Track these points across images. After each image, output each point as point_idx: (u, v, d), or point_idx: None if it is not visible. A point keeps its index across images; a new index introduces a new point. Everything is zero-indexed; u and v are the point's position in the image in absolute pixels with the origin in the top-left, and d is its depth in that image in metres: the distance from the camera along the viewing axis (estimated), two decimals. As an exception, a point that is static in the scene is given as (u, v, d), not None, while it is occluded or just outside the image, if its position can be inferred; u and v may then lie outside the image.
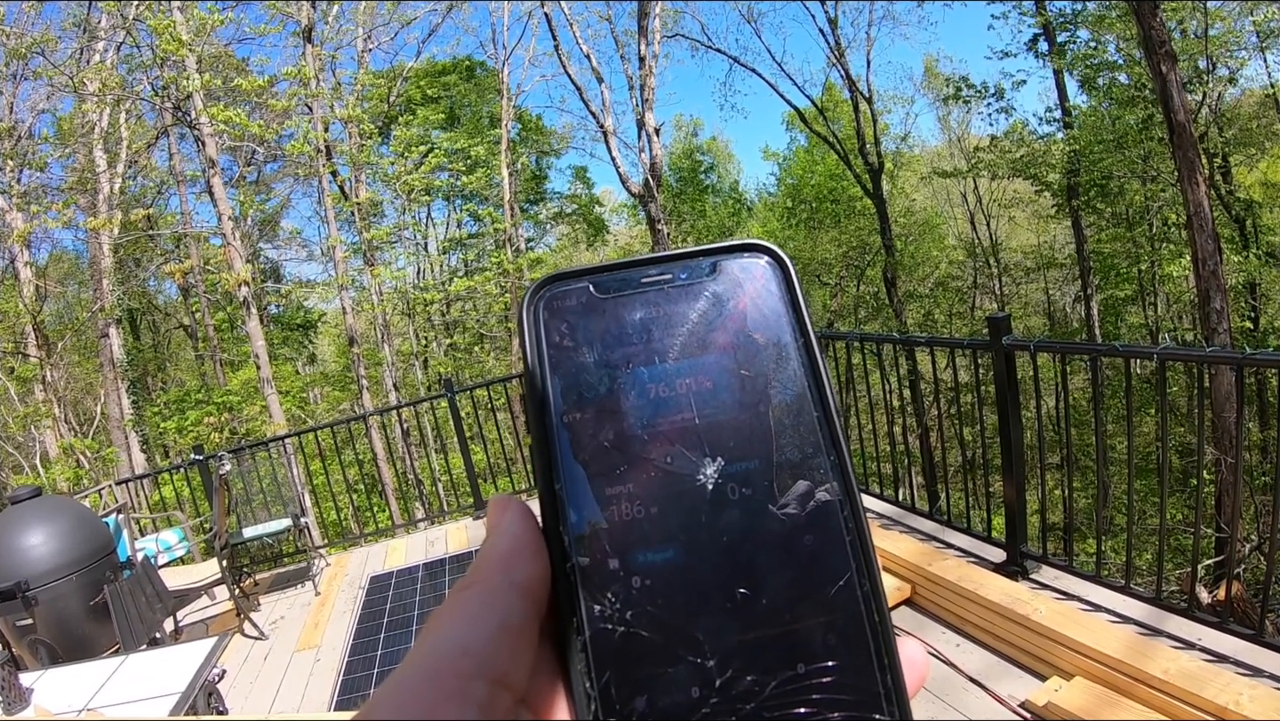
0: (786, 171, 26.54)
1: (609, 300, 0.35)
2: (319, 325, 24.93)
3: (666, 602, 0.31)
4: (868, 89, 20.48)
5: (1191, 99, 13.72)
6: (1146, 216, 17.29)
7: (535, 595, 0.31)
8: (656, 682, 0.30)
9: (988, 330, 3.96)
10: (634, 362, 0.34)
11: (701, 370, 0.34)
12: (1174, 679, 2.71)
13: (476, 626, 0.30)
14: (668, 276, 0.36)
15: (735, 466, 0.33)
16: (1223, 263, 9.37)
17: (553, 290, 0.36)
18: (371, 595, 6.01)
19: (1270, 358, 3.07)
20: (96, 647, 5.14)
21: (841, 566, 0.32)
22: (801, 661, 0.30)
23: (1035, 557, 3.98)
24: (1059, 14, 17.62)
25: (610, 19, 19.28)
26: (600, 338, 0.35)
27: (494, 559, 0.32)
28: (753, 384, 0.34)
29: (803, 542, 0.32)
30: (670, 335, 0.35)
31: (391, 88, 19.54)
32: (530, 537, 0.33)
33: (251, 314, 13.76)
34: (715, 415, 0.33)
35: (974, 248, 23.29)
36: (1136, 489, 13.62)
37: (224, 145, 15.55)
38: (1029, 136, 19.01)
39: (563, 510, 0.32)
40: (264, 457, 7.52)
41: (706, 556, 0.32)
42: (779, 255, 0.37)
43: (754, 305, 0.36)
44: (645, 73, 17.23)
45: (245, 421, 14.37)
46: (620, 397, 0.34)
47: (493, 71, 22.15)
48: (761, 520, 0.32)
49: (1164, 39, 8.97)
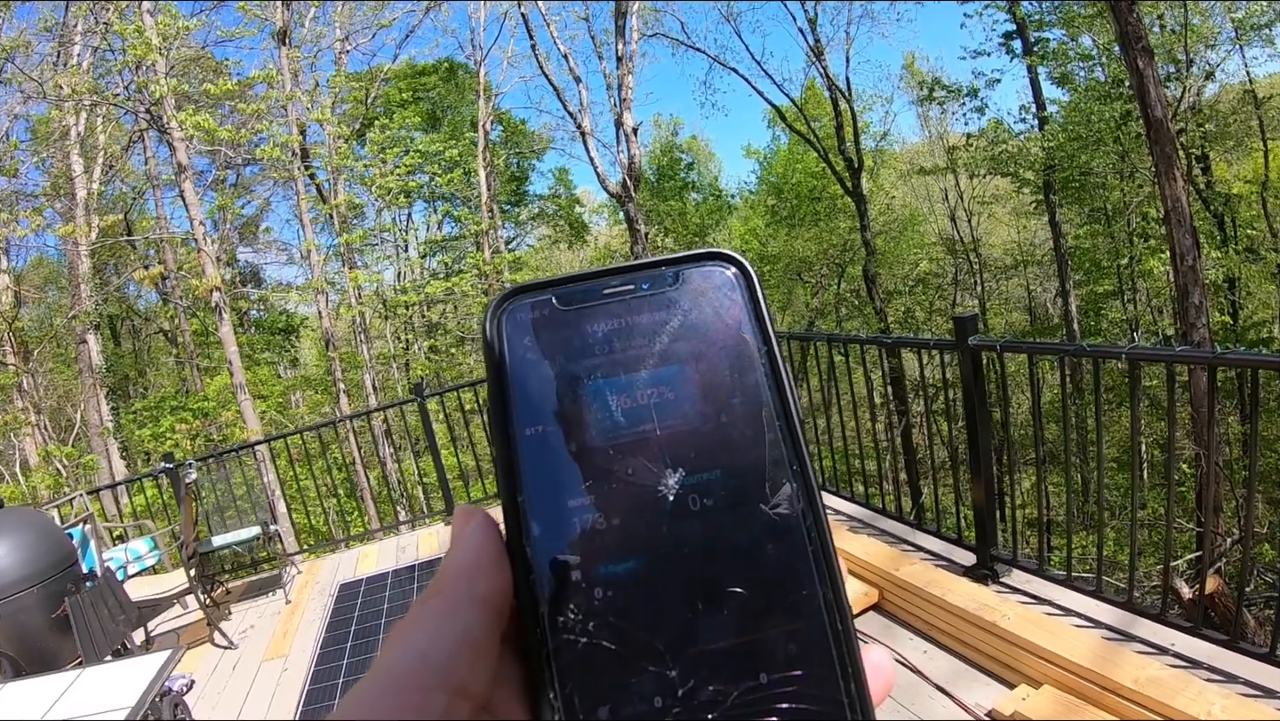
0: (767, 170, 26.55)
1: (572, 312, 0.35)
2: (300, 329, 24.78)
3: (629, 613, 0.31)
4: (847, 87, 20.59)
5: (1170, 94, 13.76)
6: (1125, 212, 17.36)
7: (497, 606, 0.32)
8: (619, 693, 0.30)
9: (954, 330, 3.89)
10: (596, 374, 0.34)
11: (664, 381, 0.34)
12: (1144, 687, 2.65)
13: (437, 637, 0.30)
14: (630, 287, 0.36)
15: (697, 477, 0.33)
16: (1201, 258, 9.37)
17: (515, 303, 0.36)
18: (340, 603, 5.94)
19: (1240, 357, 3.00)
20: (59, 660, 5.09)
21: (804, 575, 0.32)
22: (764, 670, 0.30)
23: (1006, 561, 3.91)
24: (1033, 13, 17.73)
25: (588, 18, 19.24)
26: (563, 350, 0.35)
27: (456, 570, 0.32)
28: (715, 394, 0.34)
29: (765, 552, 0.32)
30: (633, 346, 0.35)
31: (369, 89, 19.42)
32: (493, 548, 0.33)
33: (224, 320, 13.60)
34: (677, 426, 0.33)
35: (954, 244, 23.38)
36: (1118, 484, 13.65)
37: (197, 149, 15.40)
38: (1005, 134, 19.11)
39: (525, 522, 0.32)
40: (236, 465, 7.43)
41: (668, 567, 0.32)
42: (743, 264, 0.37)
43: (717, 315, 0.36)
44: (623, 72, 17.16)
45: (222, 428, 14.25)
46: (583, 410, 0.34)
47: (473, 73, 22.10)
48: (723, 530, 0.32)
49: (1141, 34, 8.95)
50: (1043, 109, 18.57)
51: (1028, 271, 22.50)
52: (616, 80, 17.48)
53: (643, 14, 18.80)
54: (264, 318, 24.10)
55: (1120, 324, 18.96)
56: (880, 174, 24.02)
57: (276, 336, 23.96)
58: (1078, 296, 19.13)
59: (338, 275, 18.47)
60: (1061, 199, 18.34)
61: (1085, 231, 18.73)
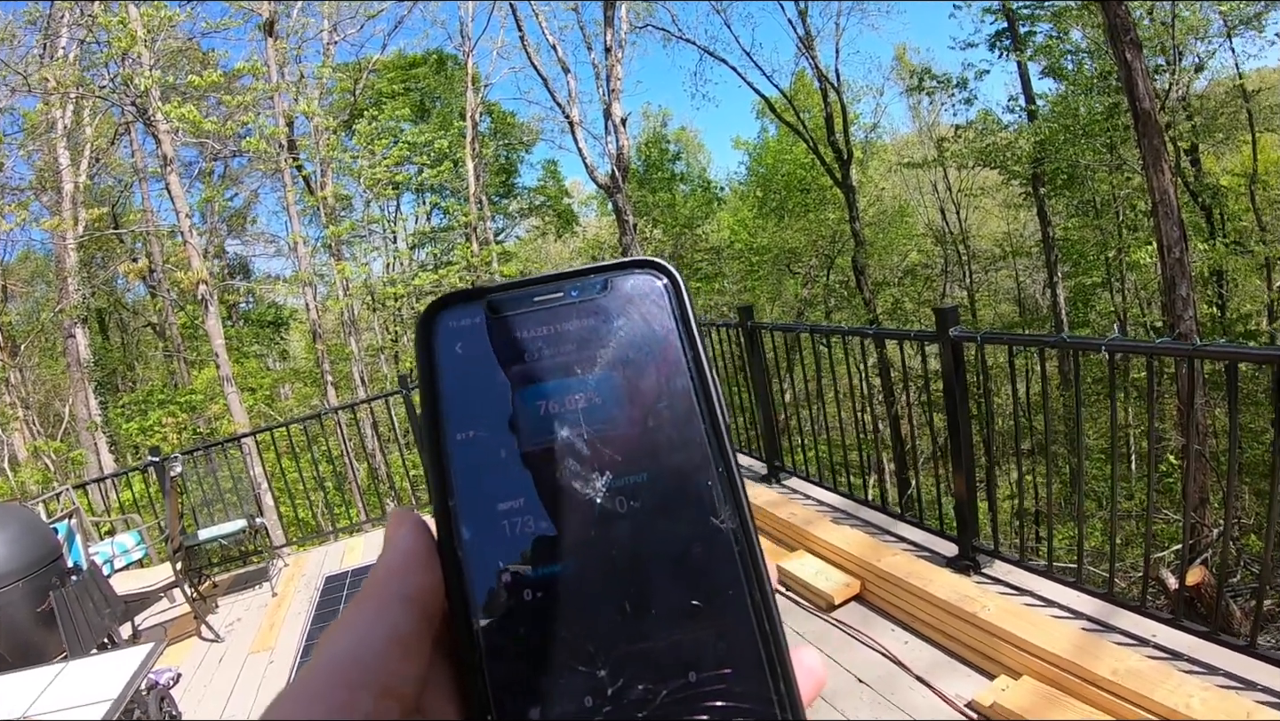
0: (757, 161, 26.51)
1: (502, 319, 0.36)
2: (290, 321, 24.69)
3: (559, 615, 0.32)
4: (837, 79, 20.50)
5: (1158, 87, 13.79)
6: (1113, 204, 17.41)
7: (426, 607, 0.32)
8: (550, 693, 0.31)
9: (935, 321, 3.90)
10: (526, 381, 0.35)
11: (592, 387, 0.35)
12: (1123, 679, 2.65)
13: (366, 637, 0.30)
14: (559, 295, 0.36)
15: (624, 480, 0.33)
16: (1189, 250, 9.40)
17: (446, 311, 0.36)
18: (326, 595, 5.95)
19: (1221, 350, 3.00)
20: (45, 654, 5.07)
21: (731, 576, 0.32)
22: (693, 670, 0.31)
23: (987, 552, 3.93)
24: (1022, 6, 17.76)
25: (577, 9, 19.21)
26: (493, 356, 0.35)
27: (386, 572, 0.33)
28: (642, 399, 0.35)
29: (692, 553, 0.32)
30: (562, 353, 0.35)
31: (357, 80, 19.33)
32: (423, 550, 0.33)
33: (210, 312, 13.53)
34: (605, 430, 0.34)
35: (943, 235, 23.41)
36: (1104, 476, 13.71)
37: (185, 140, 15.30)
38: (994, 126, 19.15)
39: (456, 526, 0.33)
40: (223, 458, 7.41)
41: (597, 569, 0.32)
42: (672, 273, 0.38)
43: (645, 322, 0.36)
44: (612, 62, 17.11)
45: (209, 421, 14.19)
46: (513, 415, 0.34)
47: (463, 65, 22.03)
48: (650, 532, 0.33)
49: (1129, 27, 8.96)
50: (1031, 101, 18.61)
51: (1016, 263, 22.55)
52: (605, 70, 17.44)
53: (633, 6, 18.75)
54: (252, 310, 24.00)
55: (1108, 315, 19.01)
56: (870, 165, 24.02)
57: (265, 329, 23.88)
58: (1066, 288, 19.19)
59: (325, 267, 18.41)
60: (1050, 191, 18.38)
61: (1074, 223, 18.79)
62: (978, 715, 2.91)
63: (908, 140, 26.35)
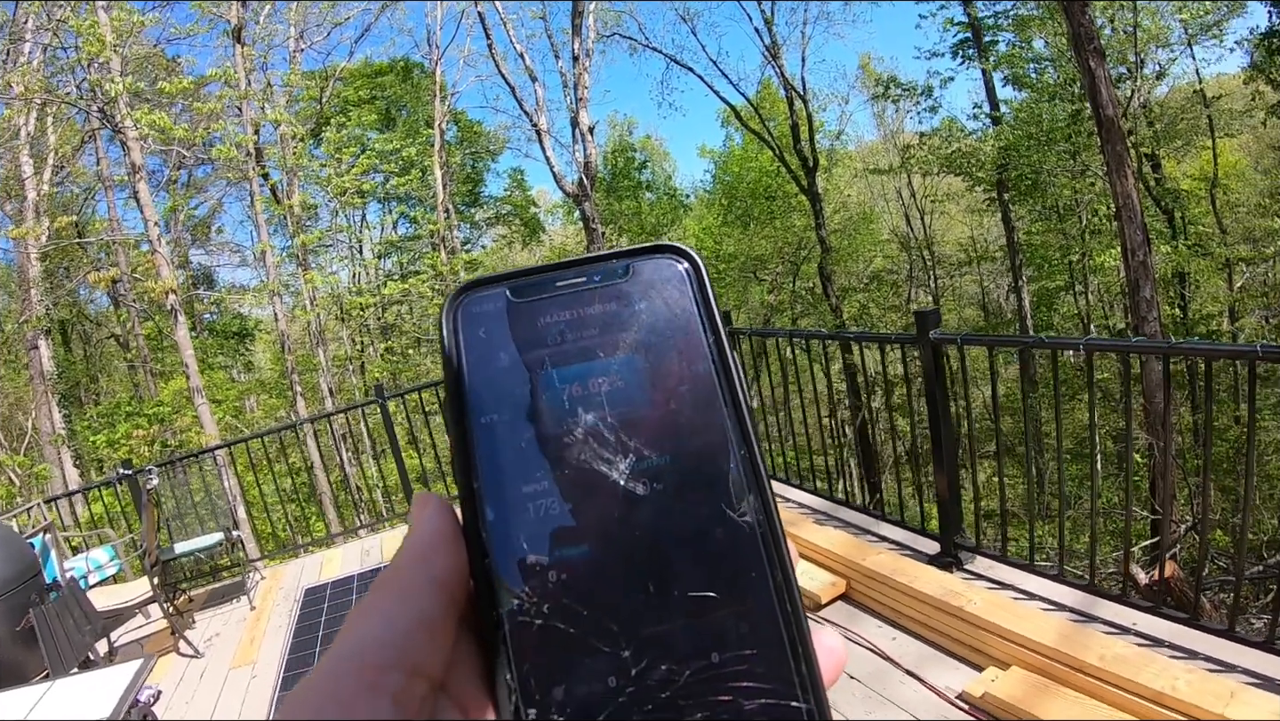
0: (722, 169, 26.63)
1: (525, 304, 0.37)
2: (255, 333, 24.39)
3: (582, 595, 0.32)
4: (803, 87, 20.67)
5: (1120, 94, 14.07)
6: (1076, 209, 17.73)
7: (452, 588, 0.32)
8: (574, 673, 0.31)
9: (915, 324, 3.97)
10: (549, 364, 0.35)
11: (614, 370, 0.35)
12: (1109, 665, 2.73)
13: (393, 618, 0.31)
14: (582, 280, 0.37)
15: (647, 463, 0.34)
16: (1152, 253, 9.59)
17: (471, 296, 0.37)
18: (306, 608, 5.87)
19: (1195, 347, 3.11)
20: (26, 673, 4.98)
21: (753, 558, 0.33)
22: (716, 651, 0.31)
23: (969, 548, 4.01)
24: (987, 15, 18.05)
25: (545, 17, 19.18)
26: (516, 341, 0.36)
27: (412, 554, 0.33)
28: (665, 382, 0.35)
29: (715, 535, 0.33)
30: (584, 337, 0.36)
31: (324, 88, 19.18)
32: (448, 533, 0.34)
33: (179, 322, 13.33)
34: (628, 413, 0.34)
35: (908, 241, 23.68)
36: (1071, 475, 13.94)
37: (151, 149, 15.09)
38: (959, 133, 19.43)
39: (481, 508, 0.33)
40: (195, 470, 7.32)
41: (620, 550, 0.32)
42: (692, 256, 0.38)
43: (667, 306, 0.37)
44: (580, 70, 17.14)
45: (178, 433, 13.97)
46: (536, 398, 0.35)
47: (429, 73, 21.95)
48: (673, 514, 0.33)
49: (1093, 35, 9.17)
50: (996, 108, 18.92)
51: (981, 268, 22.87)
52: (573, 79, 17.46)
53: (601, 14, 18.81)
54: (217, 321, 23.67)
55: (1072, 318, 19.34)
56: (835, 172, 24.21)
57: (230, 340, 23.57)
58: (1030, 292, 19.50)
59: (292, 278, 18.21)
60: (1014, 196, 18.68)
61: (1037, 228, 19.10)
62: (969, 706, 2.97)
63: (873, 148, 26.62)
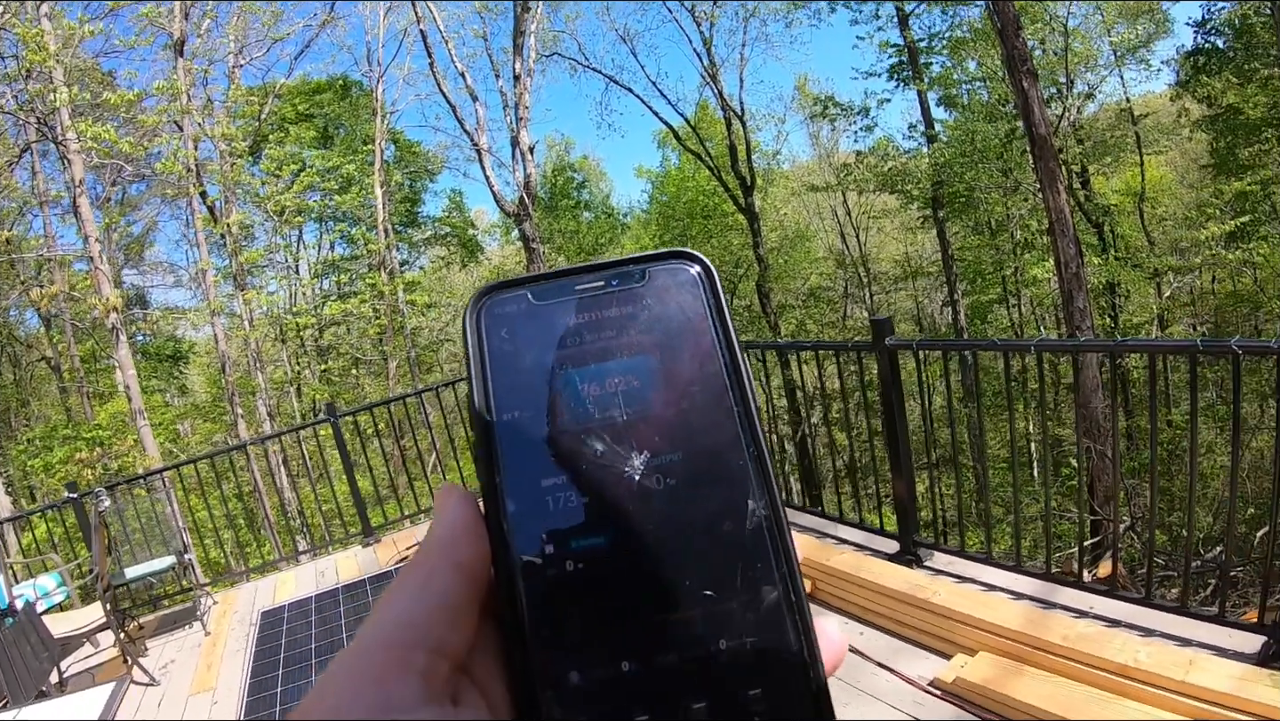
0: (659, 189, 26.81)
1: (545, 306, 0.38)
2: (189, 355, 23.74)
3: (598, 585, 0.34)
4: (741, 107, 20.90)
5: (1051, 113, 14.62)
6: (1008, 225, 18.30)
7: (474, 575, 0.34)
8: (589, 658, 0.33)
9: (871, 332, 4.10)
10: (568, 364, 0.37)
11: (630, 370, 0.37)
12: (1074, 643, 2.87)
13: (418, 601, 0.33)
14: (600, 284, 0.39)
15: (660, 459, 0.35)
16: (1084, 264, 9.96)
17: (493, 298, 0.39)
18: (264, 631, 5.74)
19: (1141, 344, 3.28)
20: (-19, 701, 4.78)
21: (760, 550, 0.34)
22: (724, 638, 0.33)
23: (928, 545, 4.14)
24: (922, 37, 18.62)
25: (486, 37, 19.17)
26: (537, 341, 0.37)
27: (437, 542, 0.35)
28: (678, 383, 0.37)
29: (724, 528, 0.34)
30: (601, 338, 0.37)
31: (263, 104, 18.86)
32: (471, 522, 0.35)
33: (121, 342, 12.91)
34: (642, 412, 0.36)
35: (844, 259, 24.14)
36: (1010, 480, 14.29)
37: (90, 163, 14.64)
38: (894, 152, 19.91)
39: (502, 500, 0.35)
40: (141, 494, 7.12)
41: (634, 542, 0.34)
42: (704, 262, 0.40)
43: (680, 310, 0.38)
44: (520, 90, 17.13)
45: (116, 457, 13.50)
46: (555, 396, 0.36)
47: (368, 91, 21.73)
48: (685, 508, 0.35)
49: (1026, 57, 9.52)
50: (931, 127, 19.46)
51: (916, 283, 23.43)
52: (514, 98, 17.45)
53: (541, 34, 18.87)
54: (151, 343, 22.96)
55: (1006, 330, 19.84)
56: (771, 192, 24.53)
57: (164, 363, 22.88)
58: (965, 306, 20.04)
59: (229, 298, 17.80)
60: (949, 213, 19.19)
61: (971, 243, 19.65)
62: (942, 692, 3.07)
63: (808, 167, 27.01)
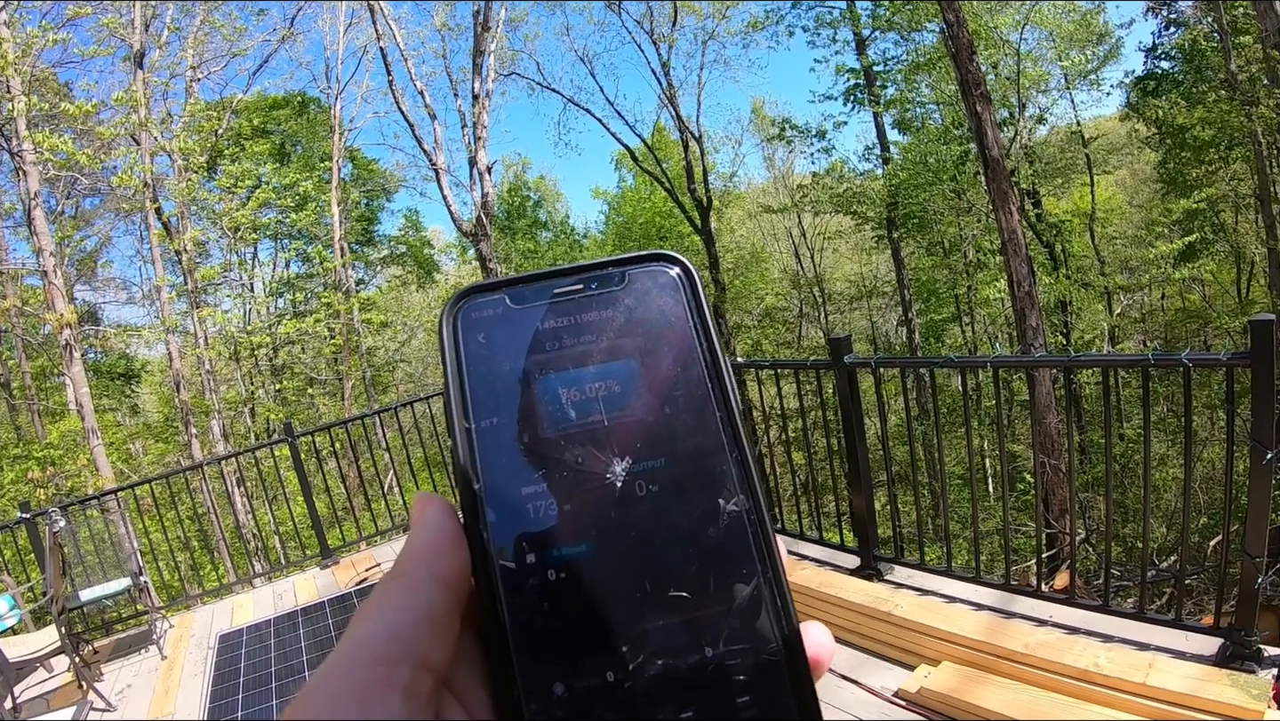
0: (615, 210, 26.89)
1: (523, 310, 0.38)
2: (141, 374, 23.22)
3: (580, 593, 0.33)
4: (698, 129, 20.99)
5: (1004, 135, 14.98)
6: (961, 245, 18.68)
7: (455, 586, 0.34)
8: (573, 668, 0.32)
9: (829, 351, 4.17)
10: (547, 369, 0.37)
11: (610, 375, 0.36)
12: (1035, 650, 2.96)
13: (401, 615, 0.32)
14: (579, 287, 0.39)
15: (642, 465, 0.35)
16: (1036, 283, 10.18)
17: (470, 302, 0.38)
18: (222, 655, 5.64)
19: (1094, 359, 3.39)
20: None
21: (744, 556, 0.34)
22: (709, 645, 0.33)
23: (888, 560, 4.21)
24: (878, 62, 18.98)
25: (445, 56, 19.11)
26: (515, 346, 0.37)
27: (416, 552, 0.34)
28: (659, 387, 0.37)
29: (708, 534, 0.34)
30: (581, 342, 0.37)
31: (221, 119, 18.64)
32: (451, 532, 0.35)
33: (74, 359, 12.61)
34: (623, 417, 0.36)
35: (799, 279, 24.41)
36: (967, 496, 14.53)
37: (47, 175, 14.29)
38: (849, 174, 20.24)
39: (482, 509, 0.34)
40: (94, 515, 6.97)
41: (617, 550, 0.34)
42: (684, 264, 0.40)
43: (661, 313, 0.38)
44: (479, 110, 17.09)
45: (69, 477, 13.16)
46: (534, 402, 0.36)
47: (326, 109, 21.56)
48: (668, 514, 0.35)
49: (980, 81, 9.75)
50: (886, 149, 19.84)
51: (870, 303, 23.73)
52: (472, 118, 17.41)
53: (500, 54, 18.87)
54: (103, 361, 22.42)
55: (959, 348, 20.15)
56: (728, 213, 24.70)
57: (116, 381, 22.34)
58: (919, 324, 20.38)
59: (183, 316, 17.50)
60: (903, 234, 19.52)
61: (925, 263, 20.01)
62: (907, 702, 3.13)
63: (763, 189, 27.31)
